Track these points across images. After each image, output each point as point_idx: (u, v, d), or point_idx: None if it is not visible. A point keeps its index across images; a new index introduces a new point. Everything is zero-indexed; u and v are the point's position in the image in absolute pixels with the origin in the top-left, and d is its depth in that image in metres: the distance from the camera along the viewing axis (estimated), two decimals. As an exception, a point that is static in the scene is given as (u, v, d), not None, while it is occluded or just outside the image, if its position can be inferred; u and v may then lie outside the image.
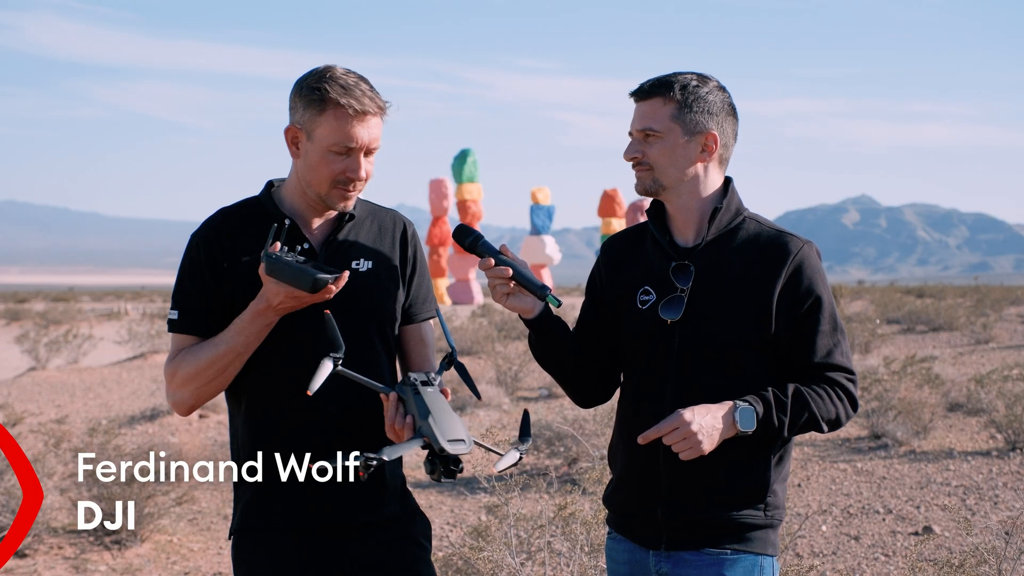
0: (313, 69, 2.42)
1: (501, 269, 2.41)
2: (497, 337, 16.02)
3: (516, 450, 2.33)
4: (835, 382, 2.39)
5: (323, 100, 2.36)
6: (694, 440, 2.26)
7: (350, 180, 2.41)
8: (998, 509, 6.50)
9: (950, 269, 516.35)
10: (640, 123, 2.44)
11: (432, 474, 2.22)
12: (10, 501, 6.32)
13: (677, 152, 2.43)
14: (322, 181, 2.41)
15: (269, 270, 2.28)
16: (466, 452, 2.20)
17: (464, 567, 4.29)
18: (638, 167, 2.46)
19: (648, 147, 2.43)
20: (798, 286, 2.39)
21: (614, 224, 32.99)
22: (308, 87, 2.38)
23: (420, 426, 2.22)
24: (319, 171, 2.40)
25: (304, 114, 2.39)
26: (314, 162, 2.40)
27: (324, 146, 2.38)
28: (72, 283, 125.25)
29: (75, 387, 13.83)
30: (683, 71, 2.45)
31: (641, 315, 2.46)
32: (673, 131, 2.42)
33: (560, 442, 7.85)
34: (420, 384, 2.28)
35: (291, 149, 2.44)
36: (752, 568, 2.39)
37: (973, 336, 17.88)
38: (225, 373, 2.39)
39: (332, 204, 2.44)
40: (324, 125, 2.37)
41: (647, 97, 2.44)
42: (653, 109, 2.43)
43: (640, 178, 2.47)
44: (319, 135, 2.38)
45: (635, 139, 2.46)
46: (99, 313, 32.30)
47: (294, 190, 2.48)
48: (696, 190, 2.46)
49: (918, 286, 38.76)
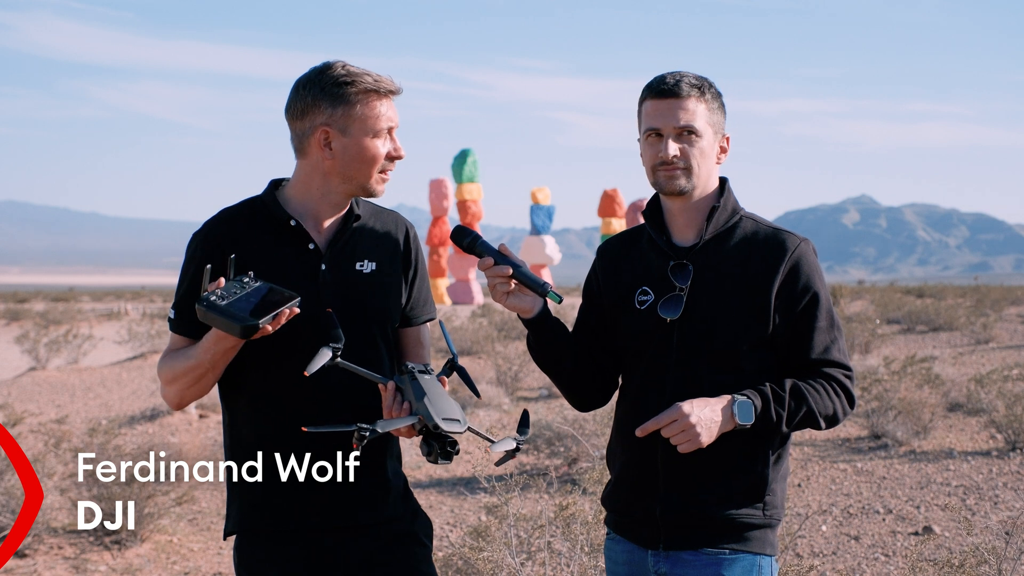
0: (316, 70, 2.42)
1: (501, 268, 2.41)
2: (497, 337, 16.02)
3: (512, 439, 2.33)
4: (832, 378, 2.40)
5: (356, 92, 2.39)
6: (692, 432, 2.27)
7: (394, 159, 2.45)
8: (998, 509, 6.50)
9: (950, 269, 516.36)
10: (681, 119, 2.39)
11: (429, 456, 2.23)
12: (10, 501, 6.32)
13: (707, 152, 2.44)
14: (370, 169, 2.43)
15: (201, 316, 2.24)
16: (460, 431, 2.22)
17: (464, 567, 4.29)
18: (668, 167, 2.41)
19: (688, 146, 2.41)
20: (795, 283, 2.40)
21: (614, 224, 32.99)
22: (332, 84, 2.39)
23: (416, 407, 2.24)
24: (364, 160, 2.42)
25: (334, 112, 2.40)
26: (357, 153, 2.41)
27: (366, 134, 2.40)
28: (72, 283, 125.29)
29: (75, 387, 13.83)
30: (685, 71, 2.44)
31: (640, 315, 2.46)
32: (706, 131, 2.43)
33: (560, 442, 7.85)
34: (417, 372, 2.30)
35: (321, 152, 2.43)
36: (751, 568, 2.39)
37: (973, 336, 17.87)
38: (200, 382, 2.41)
39: (375, 191, 2.47)
40: (360, 115, 2.39)
41: (683, 96, 2.40)
42: (693, 107, 2.41)
43: (672, 177, 2.41)
44: (357, 127, 2.40)
45: (671, 137, 2.41)
46: (99, 313, 32.29)
47: (303, 190, 2.48)
48: (706, 190, 2.47)
49: (918, 286, 38.75)
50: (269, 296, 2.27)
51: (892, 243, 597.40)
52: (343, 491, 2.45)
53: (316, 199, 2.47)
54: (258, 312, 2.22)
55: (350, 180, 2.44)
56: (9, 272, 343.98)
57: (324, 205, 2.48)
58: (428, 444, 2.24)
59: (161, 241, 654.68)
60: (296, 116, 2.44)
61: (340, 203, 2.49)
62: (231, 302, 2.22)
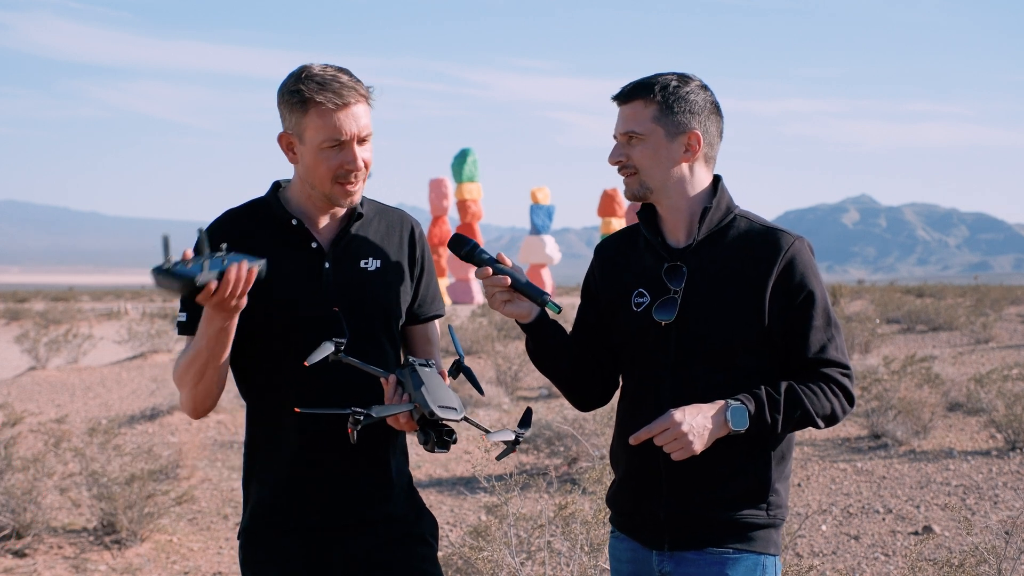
0: (290, 73, 2.42)
1: (499, 278, 2.40)
2: (497, 337, 16.02)
3: (511, 431, 2.33)
4: (830, 377, 2.39)
5: (304, 101, 2.35)
6: (685, 440, 2.26)
7: (349, 172, 2.39)
8: (998, 509, 6.50)
9: (950, 269, 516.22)
10: (623, 126, 2.44)
11: (426, 444, 2.23)
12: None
13: (660, 153, 2.42)
14: (323, 180, 2.40)
15: (156, 282, 2.15)
16: (456, 419, 2.22)
17: (464, 567, 4.28)
18: (624, 171, 2.46)
19: (631, 150, 2.43)
20: (790, 281, 2.38)
21: (614, 224, 32.98)
22: (288, 92, 2.38)
23: (413, 396, 2.24)
24: (317, 171, 2.40)
25: (291, 119, 2.39)
26: (310, 163, 2.40)
27: (315, 145, 2.37)
28: (72, 283, 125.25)
29: (75, 387, 13.83)
30: (664, 72, 2.44)
31: (636, 317, 2.46)
32: (655, 132, 2.41)
33: (560, 442, 7.85)
34: (418, 365, 2.30)
35: (288, 156, 2.45)
36: (755, 567, 2.39)
37: (973, 336, 17.87)
38: (204, 378, 2.35)
39: (337, 201, 2.42)
40: (310, 125, 2.36)
41: (628, 100, 2.43)
42: (635, 111, 2.42)
43: (628, 184, 2.47)
44: (308, 136, 2.38)
45: (619, 143, 2.46)
46: (99, 313, 32.29)
47: (299, 191, 2.49)
48: (684, 190, 2.45)
49: (918, 286, 38.72)
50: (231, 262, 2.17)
51: (892, 243, 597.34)
52: (345, 488, 2.45)
53: (307, 200, 2.48)
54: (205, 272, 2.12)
55: (313, 187, 2.44)
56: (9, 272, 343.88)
57: (315, 206, 2.48)
58: (425, 432, 2.24)
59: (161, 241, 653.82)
60: (280, 119, 2.46)
61: (326, 206, 2.48)
62: (187, 268, 2.12)
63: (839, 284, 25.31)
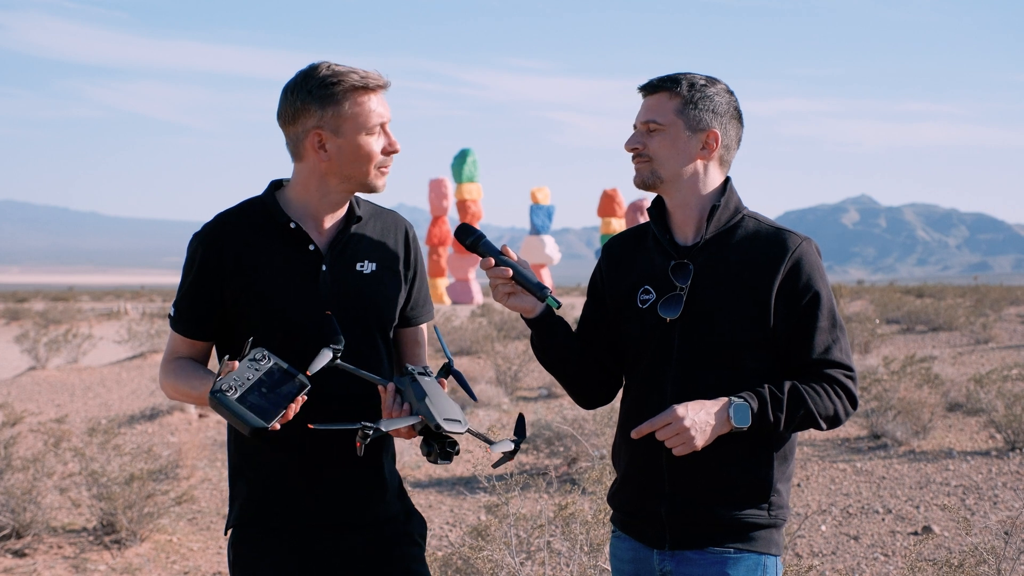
0: (302, 73, 2.42)
1: (501, 269, 2.42)
2: (497, 337, 16.01)
3: (510, 440, 2.34)
4: (833, 379, 2.39)
5: (343, 91, 2.38)
6: (687, 435, 2.27)
7: (391, 154, 2.45)
8: (997, 509, 6.50)
9: (950, 269, 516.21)
10: (644, 115, 2.47)
11: (429, 456, 2.24)
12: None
13: (678, 146, 2.44)
14: (367, 167, 2.43)
15: (214, 407, 2.21)
16: (461, 432, 2.23)
17: (464, 567, 4.28)
18: (638, 159, 2.48)
19: (650, 139, 2.45)
20: (796, 282, 2.39)
21: (614, 224, 32.97)
22: (318, 87, 2.39)
23: (417, 407, 2.24)
24: (360, 159, 2.42)
25: (324, 113, 2.39)
26: (352, 153, 2.41)
27: (359, 132, 2.40)
28: (72, 283, 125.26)
29: (75, 387, 13.83)
30: (693, 71, 2.48)
31: (641, 314, 2.47)
32: (676, 125, 2.43)
33: (560, 442, 7.85)
34: (417, 374, 2.31)
35: (316, 155, 2.43)
36: (756, 567, 2.39)
37: (973, 336, 17.86)
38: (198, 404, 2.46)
39: (375, 187, 2.46)
40: (351, 114, 2.39)
41: (654, 91, 2.47)
42: (659, 102, 2.45)
43: (639, 170, 2.48)
44: (349, 126, 2.39)
45: (638, 131, 2.48)
46: (99, 313, 32.28)
47: (302, 192, 2.48)
48: (695, 187, 2.47)
49: (918, 286, 38.70)
50: (280, 385, 2.22)
51: (892, 243, 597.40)
52: (338, 490, 2.46)
53: (315, 201, 2.48)
54: (267, 413, 2.18)
55: (349, 179, 2.44)
56: (9, 272, 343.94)
57: (323, 206, 2.48)
58: (428, 444, 2.25)
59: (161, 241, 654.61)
60: (288, 121, 2.44)
61: (339, 203, 2.50)
62: (242, 395, 2.18)
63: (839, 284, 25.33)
